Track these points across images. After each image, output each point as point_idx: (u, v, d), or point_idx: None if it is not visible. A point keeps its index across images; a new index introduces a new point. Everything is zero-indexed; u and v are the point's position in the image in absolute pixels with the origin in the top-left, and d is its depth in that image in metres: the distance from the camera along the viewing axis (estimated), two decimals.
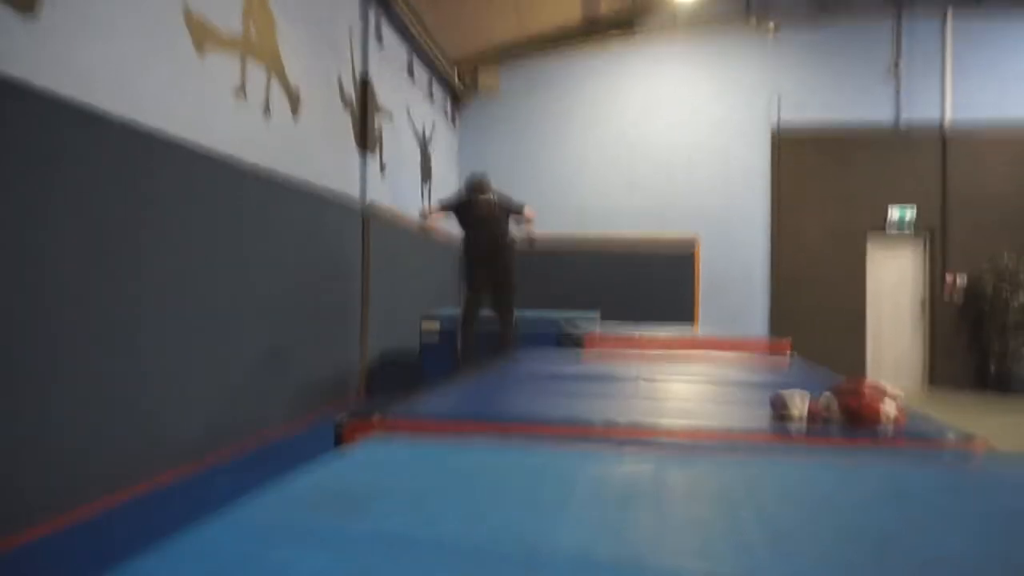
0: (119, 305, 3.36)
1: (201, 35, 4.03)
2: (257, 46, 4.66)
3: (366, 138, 6.54)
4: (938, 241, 9.17)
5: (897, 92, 9.27)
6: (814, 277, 9.39)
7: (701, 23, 9.66)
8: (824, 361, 8.23)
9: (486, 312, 5.82)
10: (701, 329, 9.36)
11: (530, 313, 6.45)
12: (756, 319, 9.48)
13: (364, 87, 6.56)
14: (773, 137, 9.48)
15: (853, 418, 1.56)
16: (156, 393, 3.63)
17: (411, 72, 7.99)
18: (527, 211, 6.04)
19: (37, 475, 2.92)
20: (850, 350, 9.28)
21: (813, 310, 9.36)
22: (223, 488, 3.50)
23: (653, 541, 0.84)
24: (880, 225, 9.31)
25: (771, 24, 9.54)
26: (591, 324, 6.27)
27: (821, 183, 9.43)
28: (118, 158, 3.36)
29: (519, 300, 6.00)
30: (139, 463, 3.49)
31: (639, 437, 1.49)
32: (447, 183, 9.54)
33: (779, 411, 1.67)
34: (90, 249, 3.19)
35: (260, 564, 0.78)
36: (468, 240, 5.92)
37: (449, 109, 9.70)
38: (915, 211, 9.19)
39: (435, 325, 6.25)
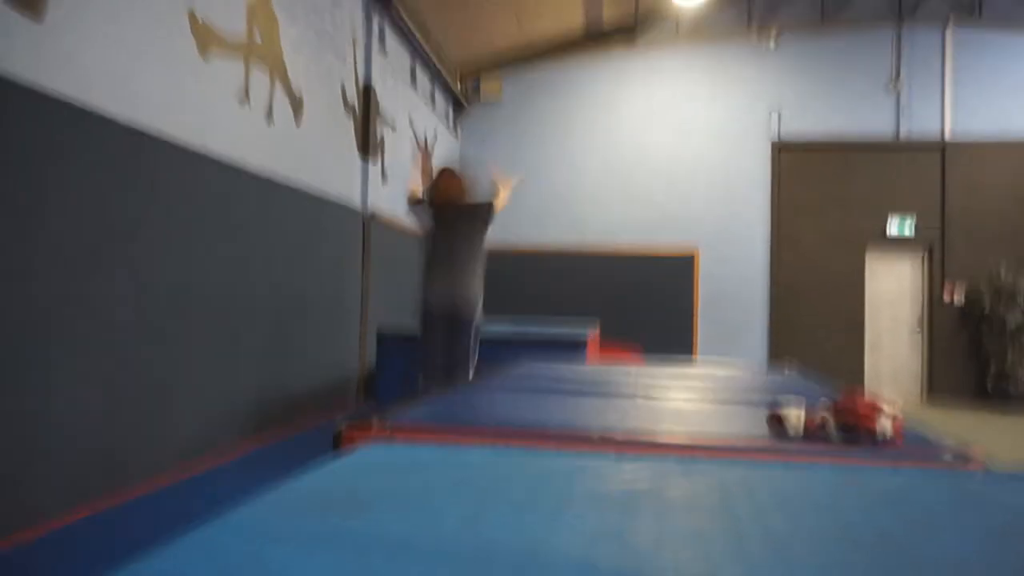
0: (118, 305, 3.37)
1: (205, 39, 4.05)
2: (261, 51, 4.68)
3: (368, 144, 6.56)
4: (937, 253, 9.19)
5: (897, 104, 9.31)
6: (813, 288, 9.41)
7: (703, 33, 9.71)
8: (823, 372, 8.22)
9: None
10: (700, 355, 9.37)
11: (529, 323, 6.44)
12: (755, 330, 9.48)
13: (367, 93, 6.58)
14: (773, 148, 9.51)
15: (850, 431, 1.56)
16: (155, 394, 3.63)
17: (413, 79, 8.02)
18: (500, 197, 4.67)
19: (36, 474, 2.91)
20: (849, 361, 9.29)
21: (812, 321, 9.37)
22: (223, 490, 3.50)
23: (653, 546, 0.85)
24: (880, 237, 9.33)
25: (772, 35, 9.59)
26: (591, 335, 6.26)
27: (821, 194, 9.46)
28: (119, 158, 3.36)
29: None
30: (138, 464, 3.49)
31: (637, 451, 1.49)
32: None
33: (776, 424, 1.67)
34: (90, 249, 3.19)
35: (260, 565, 0.79)
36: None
37: (451, 116, 9.73)
38: (914, 224, 9.22)
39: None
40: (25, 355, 2.85)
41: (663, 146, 9.72)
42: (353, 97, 6.32)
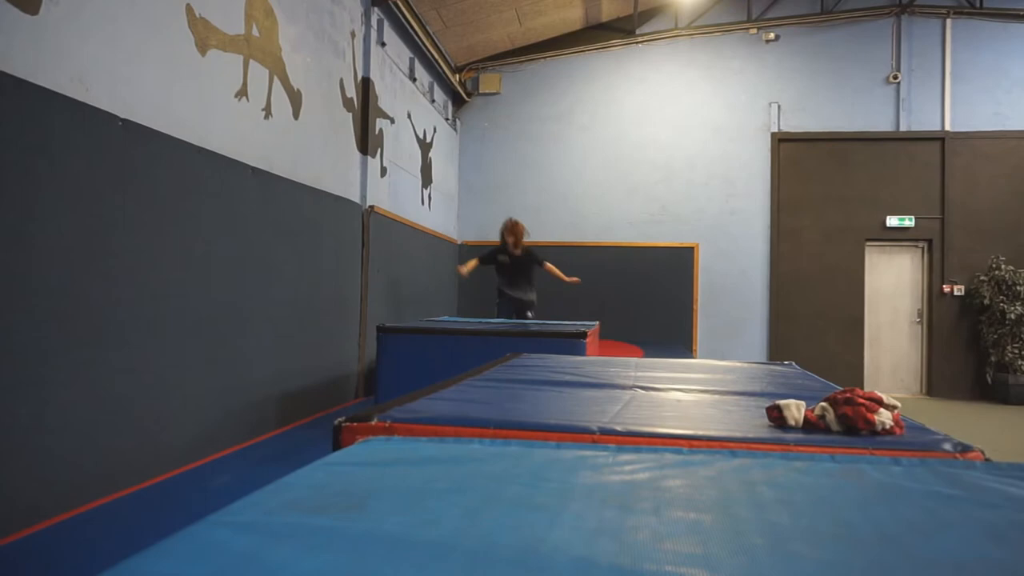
0: (116, 304, 3.36)
1: (203, 34, 4.04)
2: (259, 45, 4.67)
3: (367, 140, 6.54)
4: (936, 248, 9.19)
5: (897, 96, 9.29)
6: (813, 284, 9.41)
7: (702, 28, 9.69)
8: (822, 368, 8.22)
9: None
10: (699, 349, 9.38)
11: (530, 322, 6.46)
12: (755, 324, 9.49)
13: (365, 87, 6.57)
14: (773, 139, 9.50)
15: (849, 427, 1.56)
16: (153, 393, 3.63)
17: (412, 75, 8.00)
18: (548, 265, 6.97)
19: (34, 474, 2.91)
20: (848, 357, 9.30)
21: (812, 316, 9.38)
22: (220, 486, 3.50)
23: (652, 543, 0.85)
24: (879, 229, 9.33)
25: (771, 29, 9.57)
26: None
27: (820, 189, 9.45)
28: (116, 153, 3.36)
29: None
30: (137, 464, 3.49)
31: (636, 443, 1.49)
32: (447, 186, 9.55)
33: (775, 419, 1.67)
34: (87, 245, 3.19)
35: (259, 564, 0.78)
36: (499, 288, 7.00)
37: (450, 110, 9.71)
38: (914, 216, 9.22)
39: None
40: (21, 354, 2.85)
41: (662, 139, 9.71)
42: (352, 91, 6.30)
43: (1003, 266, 8.71)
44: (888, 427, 1.53)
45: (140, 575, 0.74)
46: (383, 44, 6.96)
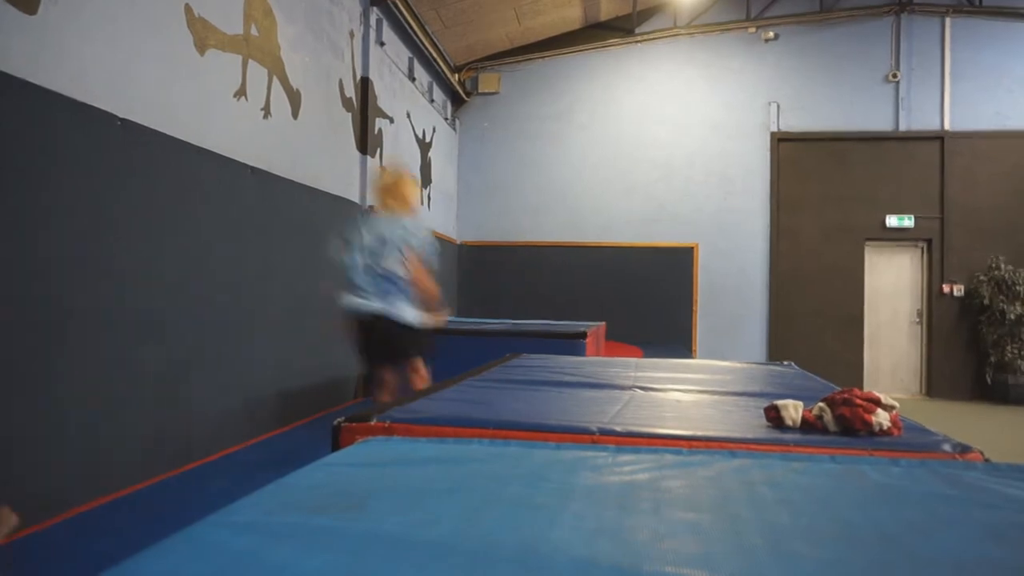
0: (116, 304, 3.36)
1: (202, 34, 4.03)
2: (258, 47, 4.67)
3: (366, 140, 6.54)
4: (936, 245, 9.19)
5: (896, 95, 9.29)
6: (812, 283, 9.40)
7: (701, 27, 9.68)
8: (822, 368, 8.23)
9: None
10: (699, 349, 9.39)
11: (530, 322, 6.46)
12: (755, 323, 9.49)
13: (364, 87, 6.56)
14: (772, 139, 9.49)
15: (847, 427, 1.56)
16: (153, 393, 3.62)
17: (412, 74, 7.99)
18: None
19: (36, 474, 2.91)
20: (847, 357, 9.30)
21: (811, 316, 9.37)
22: (220, 487, 3.50)
23: (651, 539, 0.85)
24: (879, 229, 9.32)
25: (770, 28, 9.57)
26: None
27: (819, 188, 9.45)
28: (116, 153, 3.35)
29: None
30: (137, 464, 3.49)
31: (636, 443, 1.49)
32: (447, 186, 9.55)
33: (773, 420, 1.67)
34: (87, 245, 3.19)
35: (259, 564, 0.78)
36: None
37: (449, 110, 9.70)
38: (913, 215, 9.21)
39: None
40: (21, 354, 2.85)
41: (661, 138, 9.70)
42: (351, 91, 6.30)
43: (1003, 266, 8.71)
44: (885, 428, 1.53)
45: (140, 575, 0.75)
46: (382, 44, 6.96)
